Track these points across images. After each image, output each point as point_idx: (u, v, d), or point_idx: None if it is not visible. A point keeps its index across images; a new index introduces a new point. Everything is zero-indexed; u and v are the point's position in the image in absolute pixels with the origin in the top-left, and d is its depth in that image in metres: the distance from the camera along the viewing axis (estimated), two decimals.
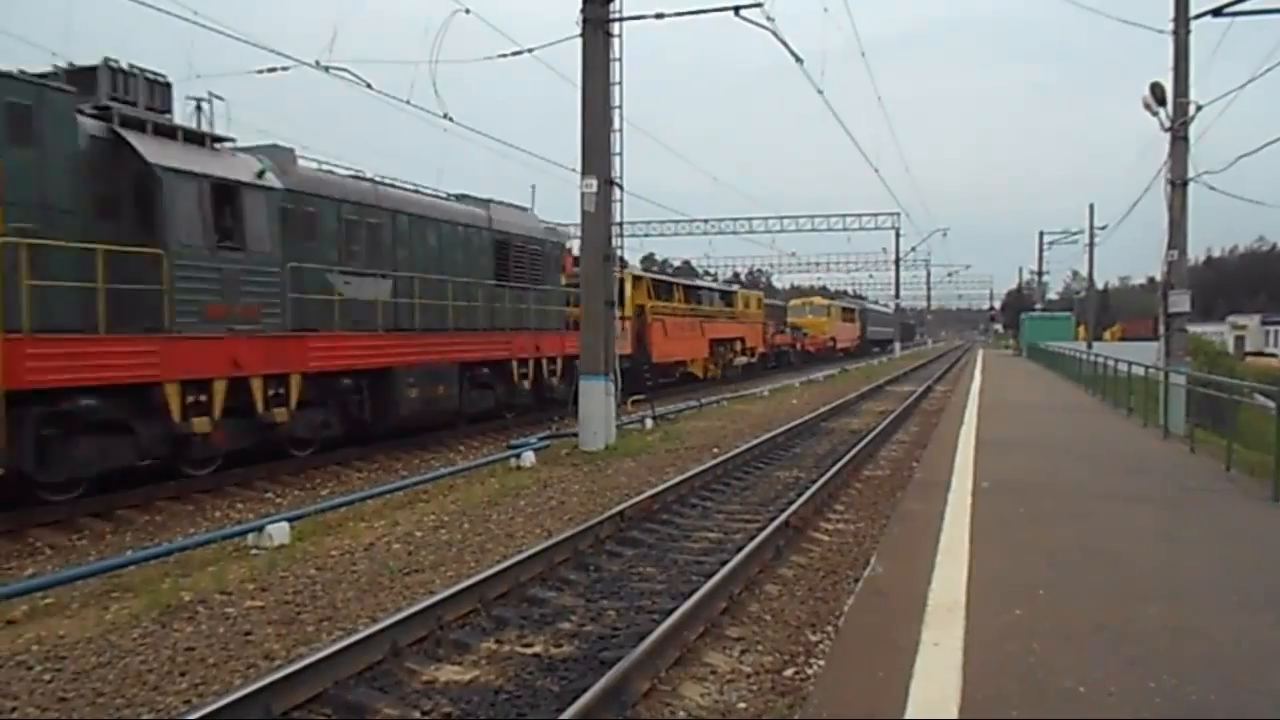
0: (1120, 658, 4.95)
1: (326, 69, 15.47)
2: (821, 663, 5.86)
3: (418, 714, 5.21)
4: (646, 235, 64.69)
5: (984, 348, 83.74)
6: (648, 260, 72.11)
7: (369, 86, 16.10)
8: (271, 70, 17.16)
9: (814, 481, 11.82)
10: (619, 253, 16.49)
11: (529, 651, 6.16)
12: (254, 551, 8.97)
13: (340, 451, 14.93)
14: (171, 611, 6.93)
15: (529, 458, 14.26)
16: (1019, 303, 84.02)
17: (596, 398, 15.67)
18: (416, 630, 6.21)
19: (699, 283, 42.08)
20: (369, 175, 16.84)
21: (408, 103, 16.83)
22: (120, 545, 9.79)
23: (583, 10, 15.46)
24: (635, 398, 22.35)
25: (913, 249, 72.89)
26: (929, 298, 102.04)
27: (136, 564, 8.39)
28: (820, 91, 20.95)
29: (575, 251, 21.70)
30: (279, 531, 9.31)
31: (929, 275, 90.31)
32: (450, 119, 17.60)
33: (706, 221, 63.49)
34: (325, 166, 15.88)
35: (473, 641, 6.31)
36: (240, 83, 19.16)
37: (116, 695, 5.44)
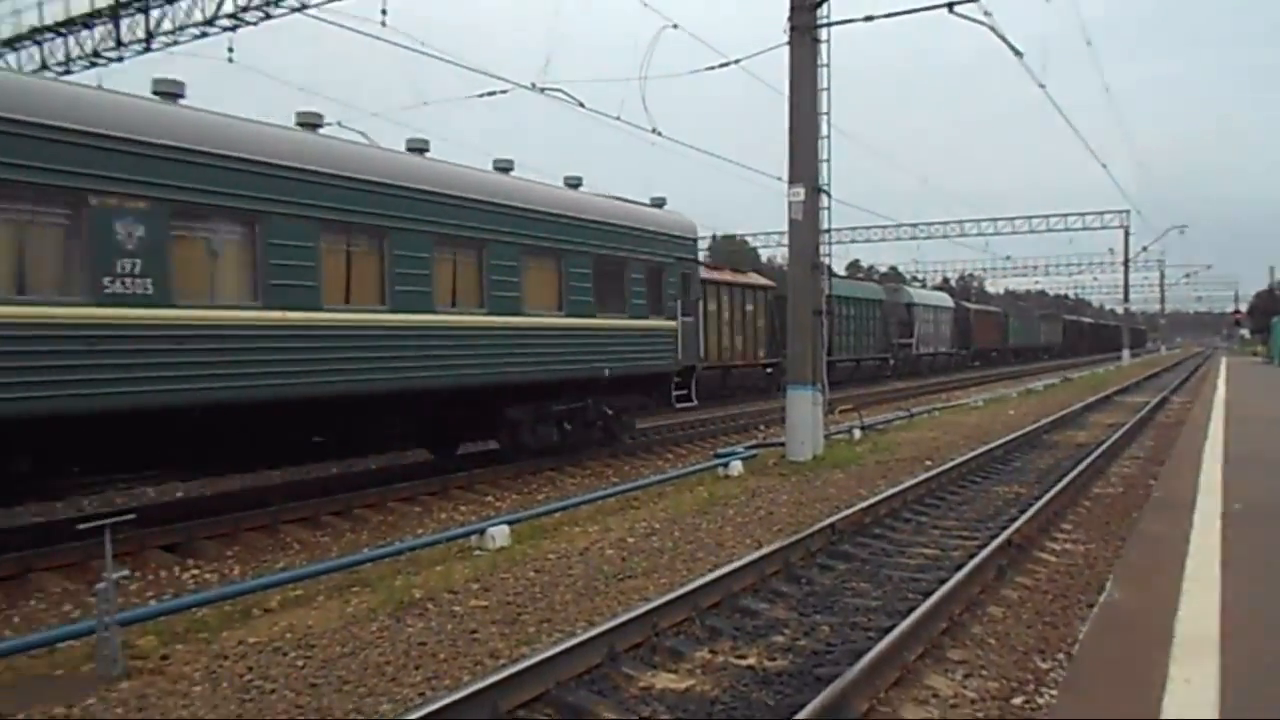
0: None
1: (542, 90, 16.13)
2: (1054, 692, 5.52)
3: None
4: (852, 241, 63.61)
5: (1227, 355, 76.75)
6: (852, 266, 70.74)
7: (581, 105, 16.65)
8: (491, 94, 18.11)
9: (1037, 498, 11.16)
10: (827, 261, 16.22)
11: (743, 663, 6.14)
12: (476, 552, 9.40)
13: (553, 458, 15.48)
14: (404, 607, 7.37)
15: (736, 467, 14.27)
16: (1269, 305, 76.31)
17: (803, 407, 15.45)
18: (633, 636, 6.30)
19: None
20: None
21: (617, 119, 17.30)
22: (358, 542, 10.54)
23: (790, 18, 15.29)
24: (843, 408, 21.93)
25: (1144, 248, 67.46)
26: (1163, 301, 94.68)
27: (372, 561, 8.97)
28: (1042, 86, 19.86)
29: None
30: (500, 534, 9.72)
31: (1163, 277, 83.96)
32: (659, 133, 17.94)
33: (914, 225, 61.67)
34: None
35: (687, 650, 6.35)
36: (463, 106, 20.27)
37: (359, 684, 5.82)
